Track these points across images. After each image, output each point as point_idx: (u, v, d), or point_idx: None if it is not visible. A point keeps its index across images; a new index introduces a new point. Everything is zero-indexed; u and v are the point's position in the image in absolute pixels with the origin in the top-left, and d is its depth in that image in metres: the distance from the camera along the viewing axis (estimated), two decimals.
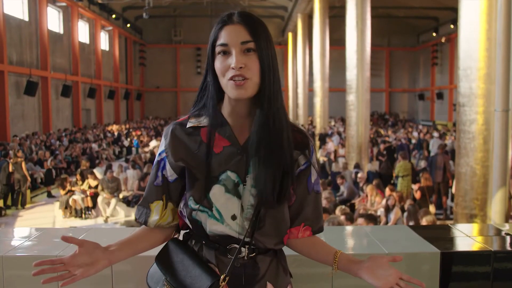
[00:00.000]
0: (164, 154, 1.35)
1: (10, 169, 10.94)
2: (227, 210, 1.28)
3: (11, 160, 11.17)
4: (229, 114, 1.33)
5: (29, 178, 11.07)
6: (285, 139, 1.30)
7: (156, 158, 1.38)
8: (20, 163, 10.97)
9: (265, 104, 1.27)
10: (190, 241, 1.37)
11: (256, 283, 1.31)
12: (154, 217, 1.38)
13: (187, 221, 1.34)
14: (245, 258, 1.30)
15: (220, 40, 1.26)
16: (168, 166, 1.35)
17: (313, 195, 1.40)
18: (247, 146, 1.30)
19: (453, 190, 8.52)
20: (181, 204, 1.36)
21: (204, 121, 1.33)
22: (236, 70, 1.23)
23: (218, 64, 1.26)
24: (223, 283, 1.25)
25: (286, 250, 1.44)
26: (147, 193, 1.39)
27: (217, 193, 1.28)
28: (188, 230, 1.40)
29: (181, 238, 1.42)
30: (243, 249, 1.30)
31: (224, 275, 1.26)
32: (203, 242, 1.32)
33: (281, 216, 1.33)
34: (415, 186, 8.71)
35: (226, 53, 1.25)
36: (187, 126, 1.34)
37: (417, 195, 8.51)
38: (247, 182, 1.29)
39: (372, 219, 6.04)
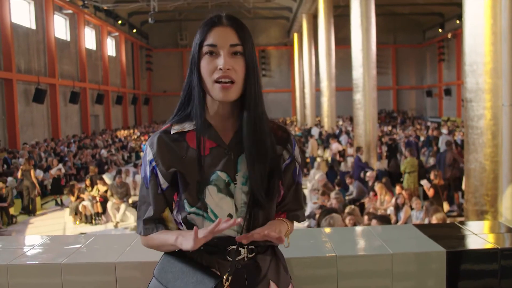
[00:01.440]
0: (154, 163, 1.34)
1: (20, 176, 11.05)
2: (222, 210, 1.30)
3: (22, 167, 11.27)
4: (212, 115, 1.35)
5: (37, 186, 11.13)
6: (268, 140, 1.33)
7: (148, 169, 1.35)
8: (29, 170, 11.04)
9: (251, 106, 1.30)
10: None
11: (258, 283, 1.32)
12: (172, 224, 1.38)
13: (182, 227, 1.35)
14: (245, 259, 1.32)
15: (209, 41, 1.28)
16: (159, 175, 1.34)
17: (295, 185, 1.43)
18: (232, 145, 1.33)
19: (463, 186, 8.48)
20: (175, 212, 1.37)
21: (187, 126, 1.35)
22: (223, 71, 1.25)
23: (204, 64, 1.28)
24: (226, 283, 1.26)
25: (288, 253, 1.44)
26: (155, 204, 1.35)
27: (210, 194, 1.30)
28: None
29: None
30: (242, 250, 1.31)
31: (227, 275, 1.26)
32: (201, 247, 1.30)
33: (271, 212, 1.36)
34: (426, 184, 8.63)
35: (213, 53, 1.27)
36: (172, 133, 1.35)
37: (430, 193, 8.45)
38: (238, 181, 1.31)
39: (385, 220, 6.00)
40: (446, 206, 8.53)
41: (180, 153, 1.32)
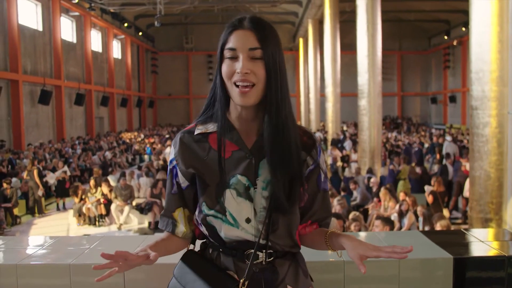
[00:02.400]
0: (174, 162, 1.37)
1: (25, 177, 11.10)
2: (240, 214, 1.29)
3: (27, 168, 11.33)
4: (235, 118, 1.34)
5: (41, 186, 11.16)
6: (293, 146, 1.31)
7: (169, 167, 1.39)
8: (33, 171, 11.09)
9: (273, 111, 1.28)
10: (207, 251, 1.37)
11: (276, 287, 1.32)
12: (180, 227, 1.40)
13: (202, 228, 1.35)
14: (263, 263, 1.31)
15: (229, 44, 1.27)
16: (179, 174, 1.36)
17: (321, 193, 1.42)
18: (255, 150, 1.32)
19: (466, 193, 8.48)
20: (196, 212, 1.38)
21: (211, 127, 1.35)
22: (241, 75, 1.24)
23: (225, 67, 1.28)
24: (243, 287, 1.26)
25: None
26: (167, 203, 1.41)
27: (229, 197, 1.29)
28: (204, 240, 1.41)
29: (197, 248, 1.43)
30: (260, 254, 1.30)
31: (243, 279, 1.26)
32: (220, 250, 1.33)
33: (293, 218, 1.34)
34: (427, 190, 8.63)
35: (233, 58, 1.26)
36: (195, 133, 1.36)
37: (429, 199, 8.44)
38: (258, 185, 1.30)
39: (389, 222, 6.00)
40: (446, 213, 8.52)
41: (201, 153, 1.33)
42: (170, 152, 1.41)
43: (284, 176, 1.29)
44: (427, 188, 8.74)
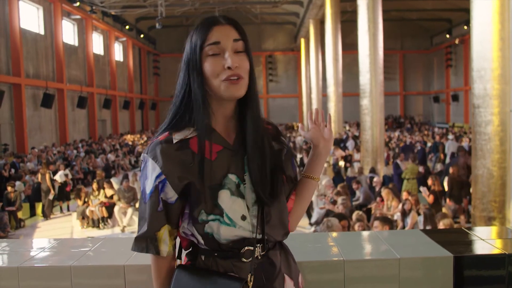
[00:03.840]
0: (163, 177, 1.27)
1: (39, 180, 11.16)
2: (235, 213, 1.29)
3: (40, 171, 11.38)
4: (216, 118, 1.34)
5: (52, 190, 11.19)
6: (265, 136, 1.35)
7: (153, 183, 1.28)
8: (44, 174, 11.14)
9: (255, 104, 1.33)
10: (199, 259, 1.33)
11: (275, 279, 1.33)
12: (163, 246, 1.31)
13: (194, 238, 1.32)
14: (259, 257, 1.32)
15: (211, 40, 1.27)
16: (168, 188, 1.28)
17: (297, 176, 1.48)
18: (237, 146, 1.33)
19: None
20: (184, 224, 1.33)
21: (188, 132, 1.31)
22: (232, 70, 1.25)
23: (208, 66, 1.27)
24: (250, 283, 1.26)
25: (295, 257, 1.46)
26: (150, 223, 1.30)
27: (224, 198, 1.28)
28: (190, 249, 1.38)
29: (183, 261, 1.40)
30: (256, 249, 1.31)
31: (250, 274, 1.27)
32: (215, 254, 1.31)
33: (282, 206, 1.36)
34: (425, 191, 8.64)
35: (216, 54, 1.26)
36: (174, 142, 1.30)
37: (430, 199, 8.44)
38: (246, 181, 1.31)
39: (387, 222, 5.99)
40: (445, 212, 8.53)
41: (187, 162, 1.28)
42: (150, 168, 1.29)
43: (264, 168, 1.31)
44: (422, 189, 8.76)
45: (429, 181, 8.98)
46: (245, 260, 1.29)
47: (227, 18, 1.30)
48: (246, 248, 1.30)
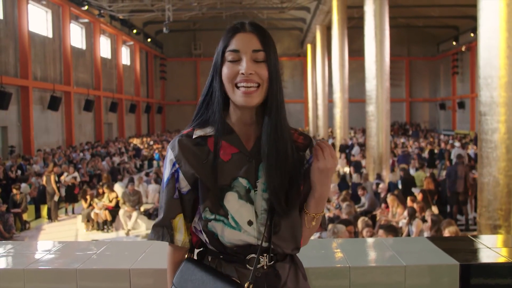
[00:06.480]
0: (177, 165, 1.33)
1: (44, 181, 11.21)
2: (242, 217, 1.29)
3: (45, 173, 11.42)
4: (235, 121, 1.35)
5: (57, 192, 11.22)
6: (289, 146, 1.33)
7: (170, 171, 1.34)
8: (49, 176, 11.18)
9: (273, 113, 1.30)
10: (206, 259, 1.35)
11: None
12: (178, 235, 1.35)
13: (202, 235, 1.34)
14: (265, 267, 1.30)
15: (232, 46, 1.28)
16: (181, 177, 1.33)
17: None
18: (254, 152, 1.32)
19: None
20: (196, 219, 1.36)
21: (209, 130, 1.34)
22: (245, 76, 1.25)
23: (226, 70, 1.29)
24: None
25: (303, 263, 1.44)
26: (166, 209, 1.34)
27: (231, 200, 1.29)
28: (202, 248, 1.39)
29: (195, 257, 1.41)
30: (261, 258, 1.30)
31: (248, 282, 1.25)
32: (221, 256, 1.31)
33: (295, 220, 1.35)
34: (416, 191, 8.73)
35: (235, 61, 1.28)
36: (194, 137, 1.34)
37: (419, 197, 8.46)
38: (258, 187, 1.30)
39: (391, 230, 5.96)
40: (435, 210, 8.53)
41: (201, 157, 1.31)
42: (168, 157, 1.35)
43: (281, 178, 1.29)
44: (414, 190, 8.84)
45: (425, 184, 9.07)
46: (249, 267, 1.29)
47: (253, 25, 1.31)
48: (251, 255, 1.29)
